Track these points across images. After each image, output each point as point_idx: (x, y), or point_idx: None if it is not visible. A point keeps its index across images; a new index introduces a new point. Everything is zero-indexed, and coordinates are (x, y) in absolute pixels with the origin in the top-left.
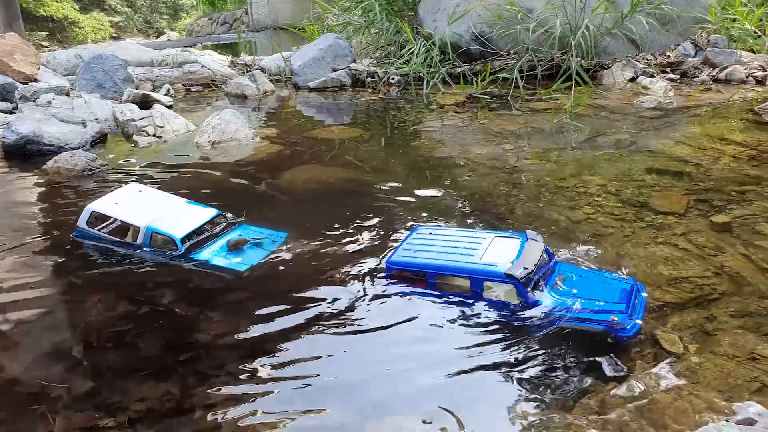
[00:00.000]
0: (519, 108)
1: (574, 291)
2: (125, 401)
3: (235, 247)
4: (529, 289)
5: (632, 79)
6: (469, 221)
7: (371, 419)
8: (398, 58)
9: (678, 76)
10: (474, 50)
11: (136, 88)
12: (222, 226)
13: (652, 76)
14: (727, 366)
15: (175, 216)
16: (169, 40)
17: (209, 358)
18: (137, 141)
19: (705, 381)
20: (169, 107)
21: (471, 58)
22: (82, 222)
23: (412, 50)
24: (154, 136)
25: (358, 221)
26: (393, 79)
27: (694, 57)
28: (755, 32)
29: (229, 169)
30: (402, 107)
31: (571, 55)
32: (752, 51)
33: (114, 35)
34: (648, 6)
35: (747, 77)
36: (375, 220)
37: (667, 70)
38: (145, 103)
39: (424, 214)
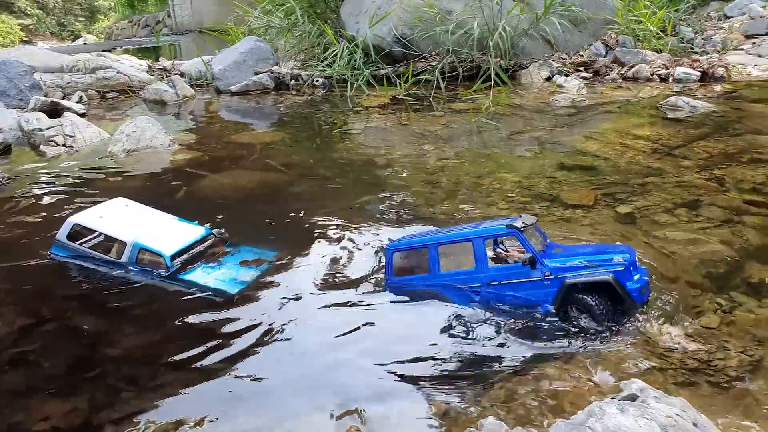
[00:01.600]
0: (441, 109)
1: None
2: (28, 422)
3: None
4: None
5: (549, 78)
6: (392, 220)
7: (285, 422)
8: (322, 61)
9: (591, 75)
10: (397, 52)
11: (45, 96)
12: (212, 245)
13: (566, 75)
14: (623, 351)
15: (164, 232)
16: (85, 44)
17: (119, 373)
18: (45, 152)
19: (600, 366)
20: (82, 115)
21: (395, 60)
22: (62, 235)
23: (335, 53)
24: (63, 146)
25: (277, 227)
26: (317, 81)
27: (605, 56)
28: (658, 33)
29: (145, 177)
30: (326, 110)
31: (490, 56)
32: (658, 50)
33: (25, 39)
34: (560, 8)
35: (652, 75)
36: (295, 225)
37: (581, 69)
38: (54, 111)
39: (346, 217)
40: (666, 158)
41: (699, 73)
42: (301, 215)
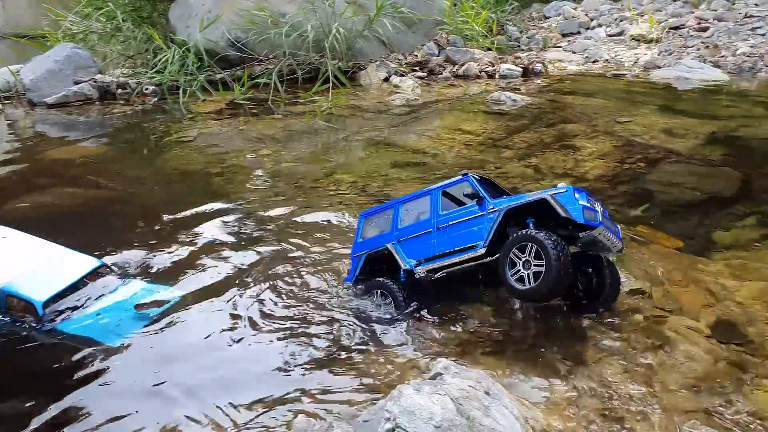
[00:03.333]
0: (280, 112)
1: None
2: None
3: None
4: None
5: (387, 79)
6: (227, 229)
7: None
8: (151, 67)
9: (426, 74)
10: (232, 56)
11: None
12: (103, 278)
13: (402, 75)
14: (439, 332)
15: (44, 271)
16: None
17: None
18: None
19: (415, 347)
20: None
21: (230, 64)
22: None
23: (166, 58)
24: None
25: (97, 249)
26: (147, 89)
27: (438, 56)
28: (484, 32)
29: None
30: (158, 118)
31: (327, 58)
32: (487, 49)
33: None
34: (392, 9)
35: (480, 72)
36: (117, 245)
37: (417, 68)
38: None
39: (174, 231)
40: (490, 150)
41: (521, 69)
42: (124, 232)
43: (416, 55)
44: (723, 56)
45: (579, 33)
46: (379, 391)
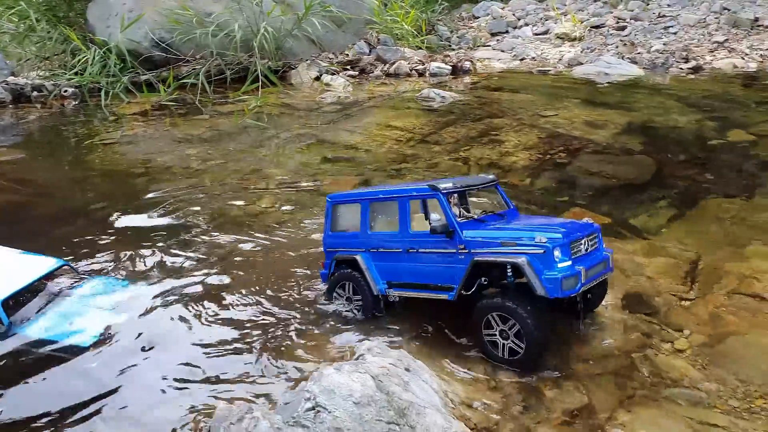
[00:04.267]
0: (208, 112)
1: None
2: None
3: None
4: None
5: (318, 78)
6: (153, 225)
7: None
8: (70, 69)
9: (357, 73)
10: (157, 57)
11: None
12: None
13: (333, 74)
14: (368, 322)
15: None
16: None
17: None
18: None
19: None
20: None
21: (156, 65)
22: None
23: (85, 59)
24: None
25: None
26: (66, 91)
27: (369, 54)
28: (414, 32)
29: None
30: (79, 121)
31: (256, 58)
32: (417, 48)
33: None
34: (321, 8)
35: (411, 71)
36: (40, 248)
37: (348, 67)
38: None
39: (99, 230)
40: (420, 145)
41: (450, 68)
42: (38, 236)
43: (347, 54)
44: (639, 53)
45: (507, 32)
46: (305, 379)
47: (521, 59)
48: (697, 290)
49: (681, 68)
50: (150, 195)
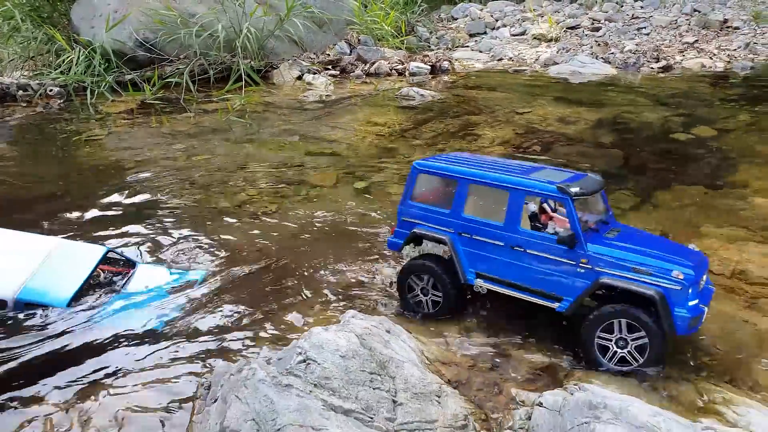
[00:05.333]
0: (192, 110)
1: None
2: None
3: None
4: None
5: (300, 77)
6: (139, 218)
7: None
8: (55, 69)
9: (339, 72)
10: (141, 57)
11: None
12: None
13: (315, 73)
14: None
15: (53, 266)
16: None
17: None
18: None
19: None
20: None
21: (140, 65)
22: None
23: (70, 59)
24: None
25: None
26: (51, 90)
27: (349, 54)
28: (393, 32)
29: None
30: (66, 119)
31: (239, 57)
32: (399, 48)
33: None
34: (302, 9)
35: (391, 70)
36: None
37: (329, 67)
38: None
39: (90, 222)
40: (399, 140)
41: (429, 67)
42: (35, 224)
43: (328, 54)
44: (612, 53)
45: (485, 33)
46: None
47: (499, 59)
48: None
49: (652, 67)
50: (139, 187)
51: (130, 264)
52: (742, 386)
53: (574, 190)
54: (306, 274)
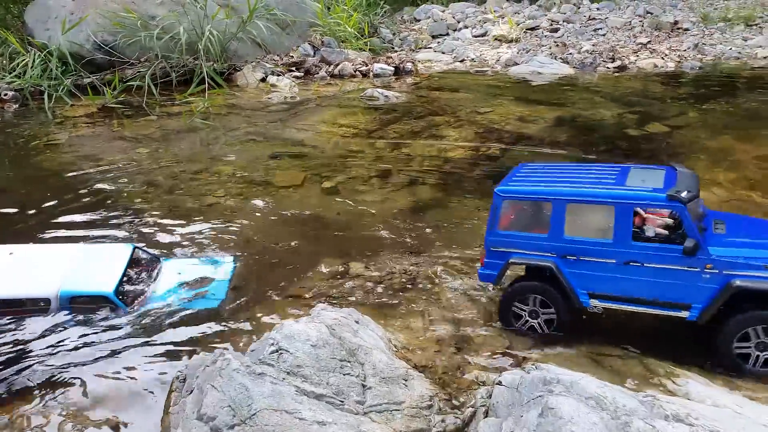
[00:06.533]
0: (155, 113)
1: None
2: None
3: None
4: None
5: (263, 79)
6: (102, 223)
7: None
8: (9, 72)
9: (303, 74)
10: (100, 59)
11: None
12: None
13: (279, 75)
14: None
15: (87, 267)
16: None
17: None
18: None
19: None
20: None
21: (99, 68)
22: None
23: (25, 62)
24: None
25: None
26: (6, 95)
27: (313, 56)
28: (357, 34)
29: None
30: (22, 124)
31: (202, 60)
32: (362, 49)
33: None
34: (265, 11)
35: (355, 72)
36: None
37: (293, 68)
38: None
39: (51, 230)
40: (365, 140)
41: (393, 69)
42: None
43: (292, 56)
44: (570, 53)
45: (447, 34)
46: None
47: (461, 60)
48: None
49: (608, 67)
50: (102, 191)
51: (155, 259)
52: None
53: (685, 195)
54: (275, 270)
